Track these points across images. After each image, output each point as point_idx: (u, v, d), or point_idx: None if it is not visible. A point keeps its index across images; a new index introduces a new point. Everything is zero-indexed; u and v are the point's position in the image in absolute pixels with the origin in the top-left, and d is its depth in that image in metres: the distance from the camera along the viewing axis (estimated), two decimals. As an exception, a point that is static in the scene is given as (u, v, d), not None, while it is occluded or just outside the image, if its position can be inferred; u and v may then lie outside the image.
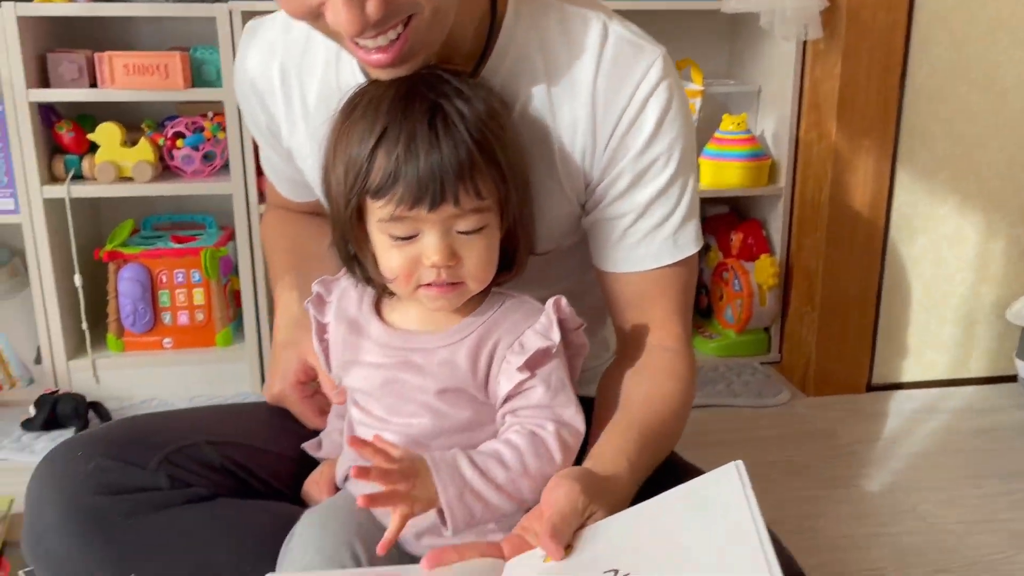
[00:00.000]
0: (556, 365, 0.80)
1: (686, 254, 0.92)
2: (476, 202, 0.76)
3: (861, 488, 1.49)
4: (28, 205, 1.70)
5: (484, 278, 0.81)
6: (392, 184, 0.75)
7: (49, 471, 0.87)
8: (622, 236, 0.91)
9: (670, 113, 0.86)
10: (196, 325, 1.85)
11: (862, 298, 1.80)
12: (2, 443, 1.62)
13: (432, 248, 0.77)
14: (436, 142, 0.74)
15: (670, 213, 0.90)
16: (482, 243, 0.78)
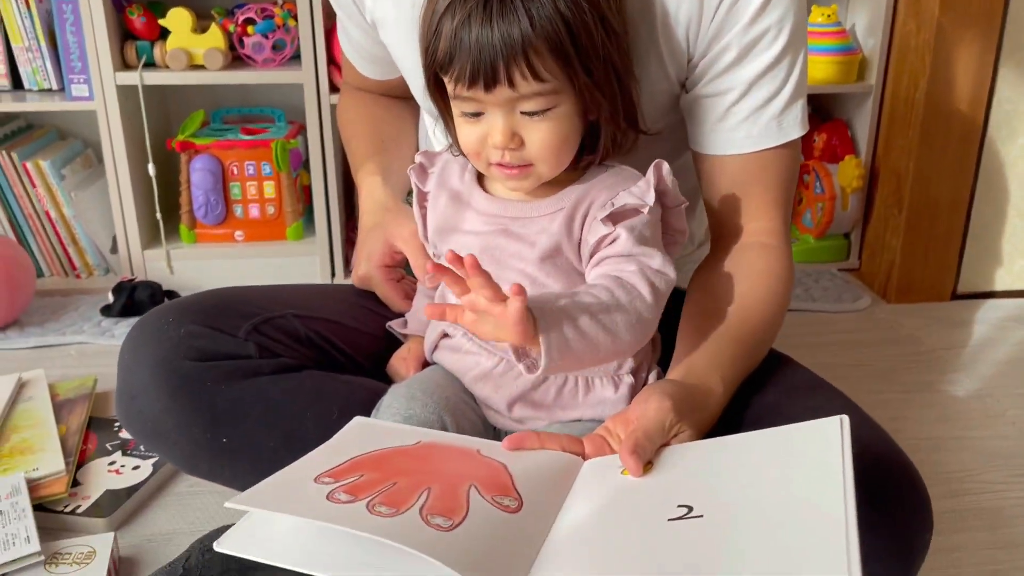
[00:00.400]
0: (644, 220, 0.77)
1: (791, 137, 0.87)
2: (536, 85, 0.73)
3: (946, 393, 1.44)
4: (102, 91, 1.69)
5: (553, 162, 0.78)
6: (450, 62, 0.73)
7: (141, 335, 0.88)
8: (723, 116, 0.87)
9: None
10: (267, 218, 1.85)
11: (953, 201, 1.72)
12: (83, 327, 1.65)
13: (494, 129, 0.75)
14: (490, 20, 0.71)
15: (776, 92, 0.86)
16: (548, 126, 0.75)
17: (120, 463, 1.21)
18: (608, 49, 0.75)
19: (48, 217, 1.79)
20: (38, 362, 1.53)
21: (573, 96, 0.75)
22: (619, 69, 0.77)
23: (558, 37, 0.72)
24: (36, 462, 1.17)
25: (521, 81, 0.72)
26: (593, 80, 0.75)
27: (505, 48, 0.71)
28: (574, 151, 0.79)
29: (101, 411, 1.36)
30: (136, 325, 0.90)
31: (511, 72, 0.72)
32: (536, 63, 0.72)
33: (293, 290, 1.04)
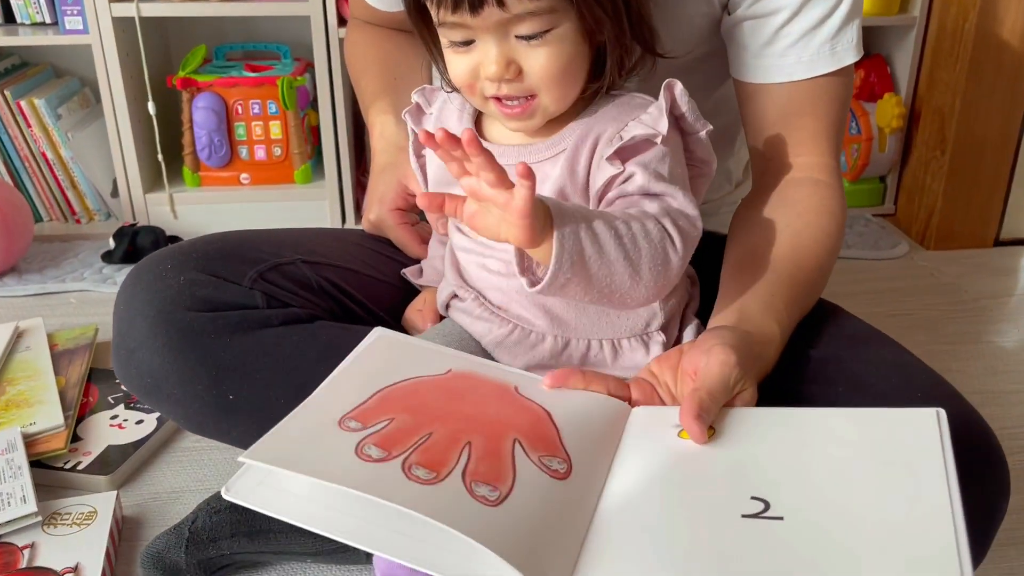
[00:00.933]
0: (660, 153, 0.69)
1: (845, 63, 0.81)
2: (529, 3, 0.64)
3: (994, 344, 1.36)
4: (97, 24, 1.59)
5: (558, 92, 0.69)
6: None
7: (139, 285, 0.80)
8: (772, 39, 0.80)
9: None
10: (274, 161, 1.76)
11: (1001, 141, 1.62)
12: (84, 274, 1.58)
13: (487, 58, 0.68)
14: None
15: (830, 12, 0.79)
16: (549, 51, 0.67)
17: (123, 417, 1.14)
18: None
19: (45, 159, 1.70)
20: (36, 310, 1.46)
21: (573, 14, 0.67)
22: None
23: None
24: (33, 416, 1.10)
25: (513, 1, 0.64)
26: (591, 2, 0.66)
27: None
28: (582, 80, 0.71)
29: (102, 362, 1.29)
30: (132, 272, 0.82)
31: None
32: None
33: (302, 234, 0.96)
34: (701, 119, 0.71)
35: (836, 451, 0.55)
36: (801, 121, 0.82)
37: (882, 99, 1.75)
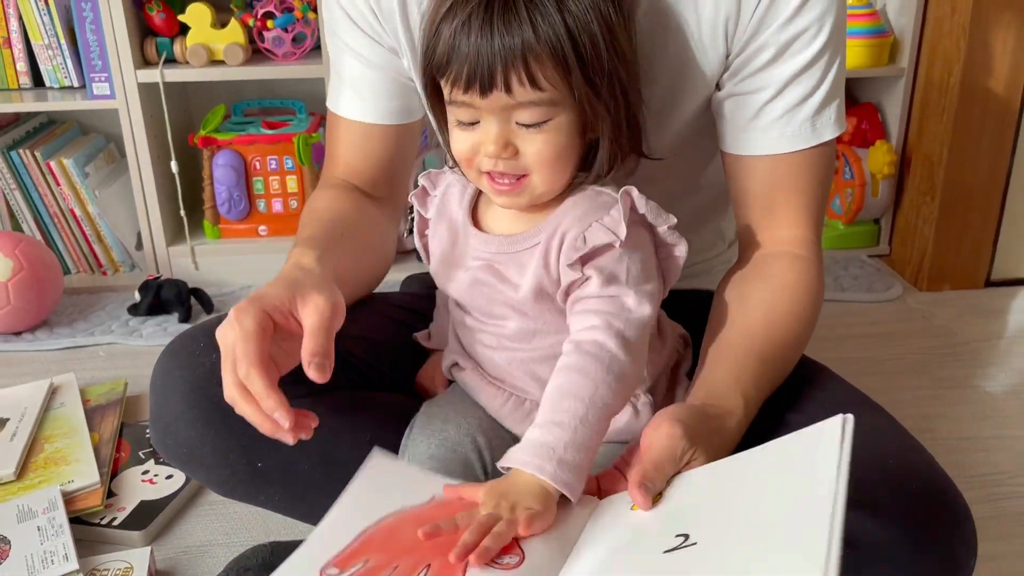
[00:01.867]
0: (616, 256, 0.74)
1: (825, 138, 0.84)
2: (533, 93, 0.70)
3: (982, 389, 1.42)
4: (123, 89, 1.68)
5: (549, 175, 0.74)
6: (447, 64, 0.71)
7: (173, 363, 0.87)
8: (756, 115, 0.84)
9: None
10: (291, 212, 1.84)
11: (988, 187, 1.68)
12: (111, 327, 1.66)
13: (487, 136, 0.73)
14: (490, 24, 0.68)
15: (811, 92, 0.83)
16: (545, 138, 0.72)
17: (154, 472, 1.22)
18: (614, 64, 0.72)
19: (73, 215, 1.79)
20: (68, 364, 1.54)
21: (573, 109, 0.72)
22: (625, 86, 0.74)
23: (561, 45, 0.69)
24: (71, 474, 1.18)
25: (518, 88, 0.69)
26: (596, 93, 0.72)
27: (504, 52, 0.68)
28: (570, 170, 0.76)
29: (132, 416, 1.37)
30: (167, 351, 0.88)
31: (508, 78, 0.69)
32: (536, 70, 0.69)
33: None
34: (663, 215, 0.76)
35: (753, 476, 0.61)
36: (783, 195, 0.86)
37: (874, 146, 1.81)
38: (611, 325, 0.72)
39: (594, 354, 0.71)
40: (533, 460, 0.66)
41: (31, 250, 1.62)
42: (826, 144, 0.85)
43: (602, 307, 0.73)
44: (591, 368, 0.70)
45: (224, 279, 1.82)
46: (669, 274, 0.79)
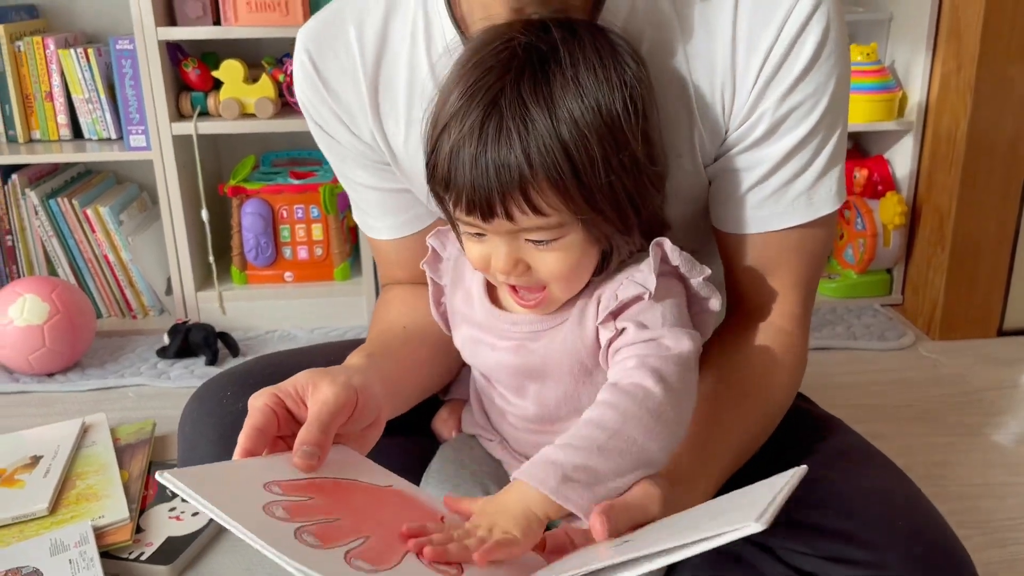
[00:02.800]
0: (647, 305, 0.71)
1: (822, 213, 0.79)
2: (536, 219, 0.67)
3: (993, 436, 1.44)
4: (158, 141, 1.76)
5: (568, 285, 0.73)
6: (447, 187, 0.69)
7: (202, 409, 0.89)
8: (748, 192, 0.80)
9: (826, 49, 0.75)
10: (315, 260, 1.90)
11: (997, 238, 1.72)
12: (140, 369, 1.71)
13: (497, 255, 0.70)
14: (485, 149, 0.65)
15: (807, 166, 0.78)
16: (557, 256, 0.70)
17: (180, 509, 1.25)
18: (618, 175, 0.68)
19: (107, 260, 1.85)
20: (99, 405, 1.58)
21: (583, 225, 0.69)
22: (633, 194, 0.70)
23: (558, 170, 0.65)
24: (101, 509, 1.22)
25: (520, 216, 0.67)
26: (600, 212, 0.68)
27: (500, 183, 0.65)
28: (590, 272, 0.73)
29: (160, 455, 1.41)
30: (195, 396, 0.91)
31: (509, 208, 0.66)
32: (535, 198, 0.66)
33: (339, 349, 1.01)
34: (697, 266, 0.73)
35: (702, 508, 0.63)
36: (775, 271, 0.82)
37: (884, 198, 1.85)
38: (647, 363, 0.68)
39: (628, 391, 0.67)
40: (536, 473, 0.63)
41: (66, 295, 1.68)
42: (824, 219, 0.80)
43: (639, 350, 0.70)
44: (622, 403, 0.66)
45: (250, 323, 1.88)
46: (702, 329, 0.76)
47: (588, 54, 0.67)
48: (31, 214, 1.82)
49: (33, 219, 1.82)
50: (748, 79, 0.76)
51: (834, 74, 0.76)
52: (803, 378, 0.85)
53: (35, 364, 1.65)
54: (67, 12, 1.93)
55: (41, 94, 1.82)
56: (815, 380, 1.62)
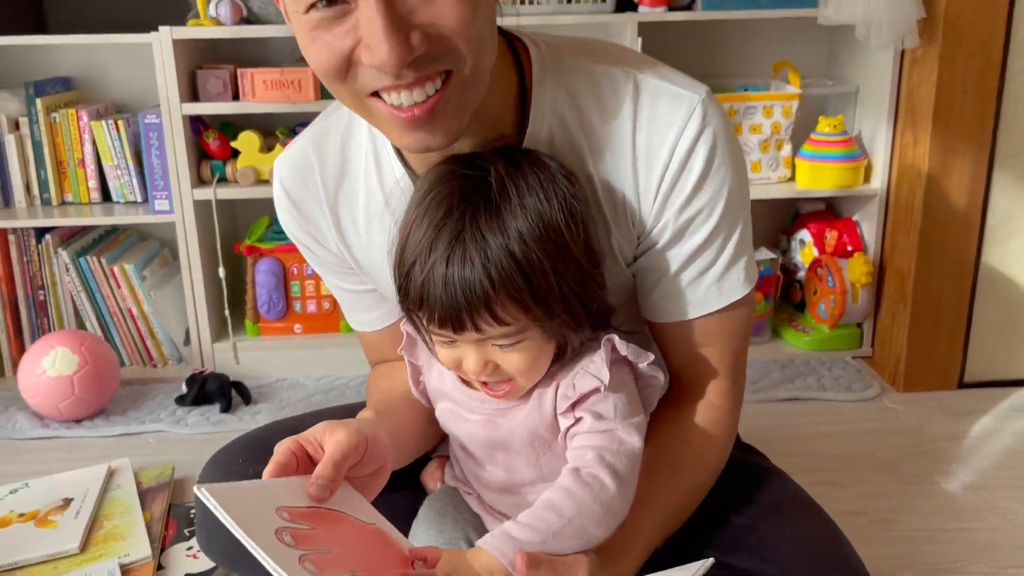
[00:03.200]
0: (602, 396, 0.82)
1: (732, 299, 0.89)
2: (500, 329, 0.77)
3: (944, 485, 1.55)
4: (180, 205, 1.92)
5: (531, 376, 0.83)
6: (420, 305, 0.79)
7: (217, 474, 1.00)
8: (665, 287, 0.90)
9: (715, 163, 0.84)
10: (323, 313, 2.04)
11: (955, 299, 1.85)
12: (160, 416, 1.85)
13: (468, 359, 0.81)
14: (453, 276, 0.75)
15: (712, 262, 0.88)
16: (520, 355, 0.80)
17: (196, 548, 1.38)
18: (567, 282, 0.78)
19: (130, 314, 2.00)
20: (122, 449, 1.72)
21: (541, 327, 0.79)
22: (581, 296, 0.80)
23: (516, 288, 0.75)
24: (127, 548, 1.35)
25: (487, 327, 0.77)
26: (552, 316, 0.78)
27: (468, 302, 0.75)
28: (548, 362, 0.83)
29: (179, 497, 1.54)
30: (211, 462, 1.02)
31: (476, 322, 0.76)
32: (499, 312, 0.76)
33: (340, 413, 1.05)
34: (643, 353, 0.82)
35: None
36: (699, 352, 0.92)
37: (852, 258, 1.99)
38: (603, 459, 0.78)
39: (587, 483, 0.77)
40: (498, 545, 0.74)
41: (94, 347, 1.82)
42: (736, 303, 0.89)
43: (596, 441, 0.80)
44: (580, 494, 0.77)
45: (262, 373, 2.02)
46: (647, 403, 0.87)
47: (529, 180, 0.77)
48: (62, 271, 1.97)
49: (64, 276, 1.97)
50: (649, 193, 0.85)
51: (726, 182, 0.85)
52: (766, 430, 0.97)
53: (64, 411, 1.79)
54: (99, 84, 2.11)
55: (74, 161, 1.98)
56: (783, 430, 1.76)
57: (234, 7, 1.83)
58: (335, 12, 0.70)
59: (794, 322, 2.15)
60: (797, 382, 1.93)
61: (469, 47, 0.72)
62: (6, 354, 2.01)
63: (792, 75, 1.98)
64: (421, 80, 0.72)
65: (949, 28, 1.68)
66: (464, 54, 0.73)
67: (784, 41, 2.11)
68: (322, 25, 0.71)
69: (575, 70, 0.86)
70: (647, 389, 0.88)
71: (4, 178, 1.97)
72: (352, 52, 0.72)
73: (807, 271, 2.12)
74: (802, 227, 2.16)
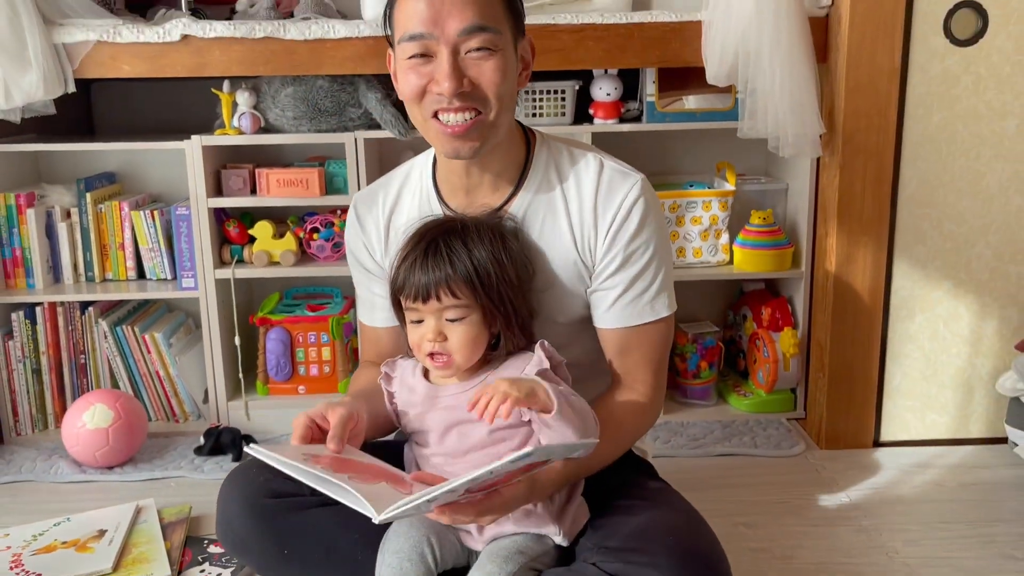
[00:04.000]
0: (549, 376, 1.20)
1: (660, 316, 1.31)
2: (453, 301, 1.19)
3: (841, 527, 1.82)
4: (204, 283, 2.25)
5: (467, 354, 1.21)
6: (404, 286, 1.22)
7: (235, 481, 1.32)
8: (613, 301, 1.30)
9: (648, 219, 1.29)
10: (324, 376, 2.35)
11: (865, 369, 2.13)
12: (181, 464, 2.15)
13: (428, 329, 1.21)
14: (427, 264, 1.20)
15: (648, 286, 1.30)
16: (463, 329, 1.20)
17: (208, 571, 1.67)
18: (504, 287, 1.21)
19: (158, 375, 2.32)
20: (148, 492, 2.01)
21: (480, 311, 1.20)
22: (511, 300, 1.22)
23: (470, 275, 1.19)
24: (151, 569, 1.64)
25: (445, 298, 1.19)
26: (493, 303, 1.20)
27: (436, 280, 1.19)
28: (482, 349, 1.23)
29: (195, 531, 1.83)
30: (231, 474, 1.34)
31: (439, 294, 1.19)
32: (455, 289, 1.19)
33: None
34: (559, 356, 1.23)
35: None
36: (631, 352, 1.32)
37: (783, 331, 2.29)
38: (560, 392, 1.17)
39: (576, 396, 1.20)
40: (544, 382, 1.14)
41: (127, 404, 2.14)
42: (661, 320, 1.31)
43: None
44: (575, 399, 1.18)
45: (270, 428, 2.32)
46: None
47: (483, 231, 1.23)
48: (101, 338, 2.30)
49: (103, 342, 2.30)
50: (601, 236, 1.29)
51: (654, 236, 1.30)
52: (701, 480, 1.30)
53: (100, 459, 2.09)
54: (139, 179, 2.47)
55: (115, 244, 2.32)
56: (715, 480, 2.05)
57: (254, 118, 2.19)
58: (423, 60, 1.21)
59: (738, 387, 2.44)
60: (734, 440, 2.21)
61: (494, 100, 1.22)
62: (51, 409, 2.33)
63: (729, 174, 2.31)
64: (462, 108, 1.21)
65: (847, 141, 2.00)
66: (491, 103, 1.22)
67: (731, 144, 2.42)
68: (413, 67, 1.22)
69: (562, 151, 1.34)
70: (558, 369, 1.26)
71: (56, 259, 2.31)
72: (426, 85, 1.22)
73: (748, 343, 2.42)
74: (744, 304, 2.46)
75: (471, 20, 1.19)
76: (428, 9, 1.18)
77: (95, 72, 2.04)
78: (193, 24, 2.02)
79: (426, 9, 1.19)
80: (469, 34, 1.19)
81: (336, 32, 2.03)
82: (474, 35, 1.19)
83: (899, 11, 1.93)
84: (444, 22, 1.19)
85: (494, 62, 1.21)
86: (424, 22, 1.19)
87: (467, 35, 1.19)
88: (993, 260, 2.09)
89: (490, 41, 1.21)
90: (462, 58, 1.20)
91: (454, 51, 1.20)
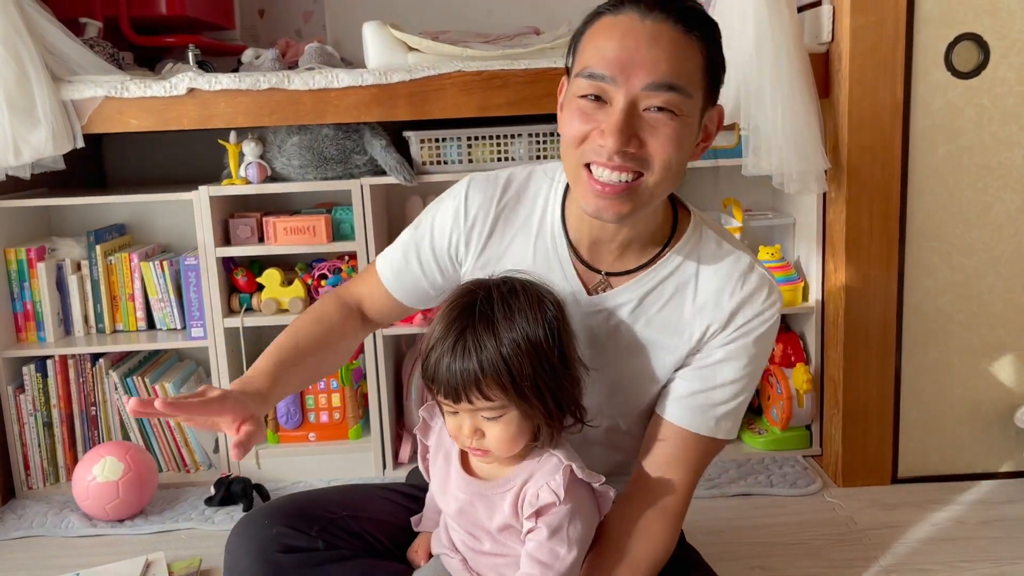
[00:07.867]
0: (560, 512, 1.10)
1: (719, 437, 1.21)
2: (487, 403, 1.07)
3: (860, 568, 1.78)
4: (213, 332, 2.25)
5: (506, 449, 1.11)
6: (434, 382, 1.11)
7: (245, 533, 1.27)
8: (686, 397, 1.20)
9: (767, 343, 1.21)
10: (334, 423, 2.34)
11: (879, 404, 2.10)
12: (191, 515, 2.14)
13: (463, 425, 1.11)
14: (456, 360, 1.07)
15: (724, 402, 1.20)
16: (501, 428, 1.09)
17: (219, 625, 1.65)
18: (541, 379, 1.07)
19: (168, 425, 2.32)
20: (158, 544, 2.00)
21: (518, 408, 1.08)
22: (553, 392, 1.08)
23: (499, 373, 1.06)
24: (161, 624, 1.62)
25: (477, 401, 1.08)
26: (527, 401, 1.08)
27: (465, 382, 1.07)
28: (522, 443, 1.12)
29: (205, 584, 1.82)
30: (240, 522, 1.29)
31: (470, 396, 1.07)
32: (486, 390, 1.06)
33: (349, 492, 1.40)
34: (595, 476, 1.11)
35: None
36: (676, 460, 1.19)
37: (796, 367, 2.26)
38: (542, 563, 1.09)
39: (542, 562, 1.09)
40: None
41: (138, 456, 2.13)
42: (715, 441, 1.21)
43: (542, 556, 1.09)
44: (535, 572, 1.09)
45: (280, 476, 2.31)
46: (603, 507, 1.17)
47: (521, 303, 1.09)
48: (111, 390, 2.30)
49: (113, 393, 2.30)
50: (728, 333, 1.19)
51: (763, 354, 1.21)
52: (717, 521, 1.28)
53: (110, 512, 2.08)
54: (148, 230, 2.49)
55: (125, 295, 2.34)
56: (731, 521, 2.01)
57: (260, 168, 2.21)
58: (595, 105, 1.07)
59: (752, 425, 2.41)
60: (749, 479, 2.18)
61: (660, 168, 1.07)
62: (62, 462, 2.32)
63: (736, 210, 2.31)
64: (620, 168, 1.06)
65: (852, 175, 2.00)
66: (655, 170, 1.07)
67: (738, 180, 2.43)
68: (582, 109, 1.08)
69: (711, 240, 1.22)
70: (601, 499, 1.17)
71: (67, 311, 2.33)
72: (590, 132, 1.07)
73: (761, 379, 2.39)
74: (756, 340, 2.44)
75: (662, 75, 1.03)
76: (618, 50, 1.04)
77: (103, 127, 2.06)
78: (199, 77, 2.05)
79: (616, 49, 1.04)
80: (655, 90, 1.04)
81: (340, 81, 2.05)
82: (660, 92, 1.04)
83: (899, 46, 1.93)
84: (631, 69, 1.03)
85: (672, 128, 1.05)
86: (609, 63, 1.04)
87: (652, 91, 1.04)
88: (1005, 291, 2.07)
89: (676, 103, 1.05)
90: (639, 114, 1.05)
91: (631, 104, 1.04)
